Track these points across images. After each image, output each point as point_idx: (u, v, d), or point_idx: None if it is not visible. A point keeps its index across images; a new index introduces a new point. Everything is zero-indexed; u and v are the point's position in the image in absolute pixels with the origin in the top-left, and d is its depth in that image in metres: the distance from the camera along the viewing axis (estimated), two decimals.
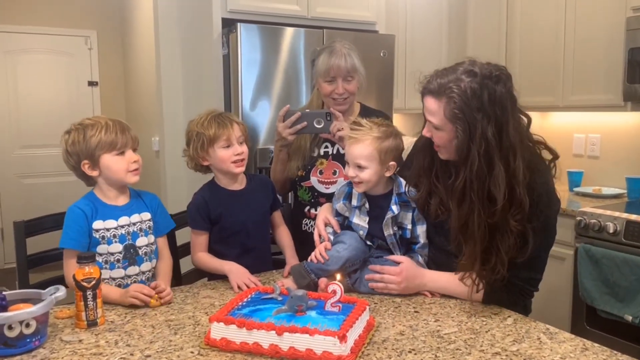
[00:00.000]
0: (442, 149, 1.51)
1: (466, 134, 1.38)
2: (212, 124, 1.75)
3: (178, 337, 1.32)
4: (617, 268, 2.47)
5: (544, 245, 1.51)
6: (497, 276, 1.43)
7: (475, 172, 1.38)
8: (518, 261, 1.44)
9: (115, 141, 1.60)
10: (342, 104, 2.01)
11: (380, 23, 3.31)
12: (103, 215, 1.61)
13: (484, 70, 1.39)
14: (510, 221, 1.39)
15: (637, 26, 2.70)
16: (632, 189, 3.00)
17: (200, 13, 3.07)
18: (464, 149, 1.39)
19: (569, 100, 3.11)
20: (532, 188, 1.42)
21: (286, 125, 1.95)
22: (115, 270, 1.62)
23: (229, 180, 1.83)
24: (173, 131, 3.48)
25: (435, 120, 1.44)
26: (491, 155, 1.37)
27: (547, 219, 1.48)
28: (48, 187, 5.04)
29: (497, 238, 1.41)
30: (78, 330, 1.37)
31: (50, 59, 5.11)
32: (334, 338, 1.15)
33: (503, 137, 1.38)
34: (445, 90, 1.40)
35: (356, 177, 1.59)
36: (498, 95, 1.37)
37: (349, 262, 1.60)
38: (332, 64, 1.95)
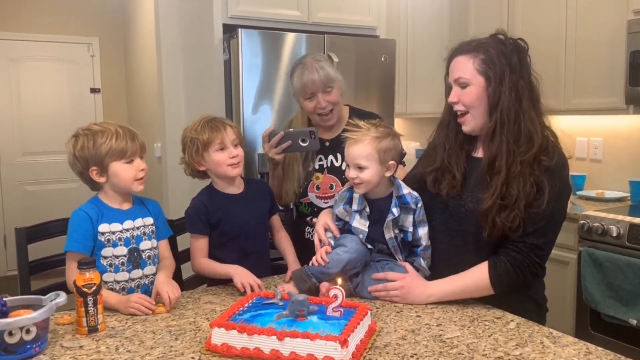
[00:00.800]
0: (469, 114, 1.56)
1: (497, 81, 1.49)
2: (205, 128, 1.76)
3: (179, 343, 1.31)
4: (620, 271, 2.45)
5: (555, 215, 1.52)
6: (512, 224, 1.47)
7: (507, 113, 1.49)
8: (531, 214, 1.47)
9: (125, 149, 1.61)
10: (328, 118, 2.01)
11: (381, 28, 3.32)
12: (109, 218, 1.62)
13: (508, 39, 1.54)
14: (529, 161, 1.48)
15: (638, 29, 2.70)
16: (635, 192, 2.99)
17: (201, 19, 3.08)
18: (495, 94, 1.50)
19: (571, 103, 3.11)
20: (556, 150, 1.52)
21: (271, 145, 1.95)
22: (120, 273, 1.62)
23: (226, 184, 1.83)
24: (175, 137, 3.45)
25: (465, 74, 1.54)
26: (521, 100, 1.50)
27: (560, 189, 1.51)
28: (51, 193, 5.05)
29: (517, 182, 1.47)
30: (79, 337, 1.36)
31: (53, 66, 5.14)
32: (336, 343, 1.14)
33: (530, 88, 1.52)
34: (476, 48, 1.54)
35: (357, 178, 1.59)
36: (522, 57, 1.53)
37: (350, 265, 1.59)
38: (306, 80, 1.94)
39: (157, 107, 3.69)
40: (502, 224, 1.48)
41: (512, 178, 1.48)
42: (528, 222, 1.49)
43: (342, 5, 3.17)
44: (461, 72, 1.55)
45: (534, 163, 1.49)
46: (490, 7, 3.53)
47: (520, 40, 1.55)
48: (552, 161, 1.49)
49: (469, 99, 1.54)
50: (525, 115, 1.50)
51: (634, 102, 2.80)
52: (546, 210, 1.48)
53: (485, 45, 1.53)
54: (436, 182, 1.65)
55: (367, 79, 3.15)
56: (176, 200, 3.39)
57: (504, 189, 1.49)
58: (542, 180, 1.48)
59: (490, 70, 1.51)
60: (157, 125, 3.83)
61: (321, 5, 3.09)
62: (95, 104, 5.32)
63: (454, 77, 1.57)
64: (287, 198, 2.06)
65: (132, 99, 5.17)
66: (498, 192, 1.49)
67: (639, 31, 2.69)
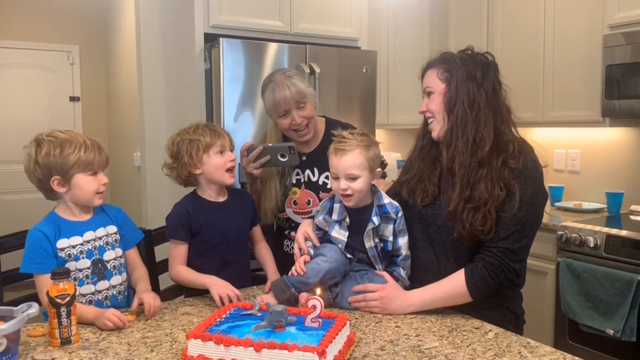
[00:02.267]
0: (434, 120, 1.62)
1: (454, 87, 1.57)
2: (205, 131, 1.78)
3: (155, 355, 1.29)
4: (598, 282, 2.48)
5: (529, 219, 1.53)
6: (483, 227, 1.49)
7: (462, 117, 1.55)
8: (503, 218, 1.50)
9: (93, 162, 1.57)
10: (304, 133, 1.99)
11: (362, 39, 3.33)
12: (67, 233, 1.58)
13: (473, 53, 1.63)
14: (496, 166, 1.52)
15: (614, 43, 2.75)
16: (612, 203, 3.03)
17: (183, 28, 3.07)
18: (451, 100, 1.57)
19: (549, 116, 3.16)
20: (521, 153, 1.55)
21: (249, 160, 1.94)
22: (85, 286, 1.58)
23: (213, 192, 1.82)
24: (154, 147, 3.44)
25: (430, 83, 1.63)
26: (479, 107, 1.55)
27: (534, 192, 1.53)
28: (27, 203, 4.93)
29: (483, 184, 1.51)
30: (51, 349, 1.33)
31: (32, 74, 5.06)
32: (313, 354, 1.13)
33: (495, 99, 1.58)
34: (442, 60, 1.63)
35: (348, 189, 1.58)
36: (489, 74, 1.59)
37: (329, 275, 1.58)
38: (278, 98, 1.91)
39: (137, 116, 3.66)
40: (471, 226, 1.50)
41: (476, 180, 1.52)
42: (501, 227, 1.51)
43: (324, 17, 3.18)
44: (428, 82, 1.65)
45: (501, 167, 1.53)
46: (470, 21, 3.58)
47: (487, 53, 1.64)
48: (519, 164, 1.53)
49: (433, 105, 1.62)
50: (481, 122, 1.55)
51: (610, 115, 2.85)
52: (518, 214, 1.50)
53: (450, 56, 1.63)
54: (411, 193, 1.68)
55: (349, 90, 3.16)
56: (155, 209, 3.35)
57: (467, 190, 1.52)
58: (512, 184, 1.51)
59: (450, 76, 1.59)
60: (136, 134, 3.79)
61: (303, 16, 3.10)
62: (75, 112, 5.25)
63: (424, 88, 1.67)
64: (265, 219, 2.04)
65: (112, 108, 5.12)
66: (460, 194, 1.53)
67: (614, 45, 2.75)
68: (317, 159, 2.01)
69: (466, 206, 1.52)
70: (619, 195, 3.03)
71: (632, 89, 2.71)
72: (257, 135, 2.75)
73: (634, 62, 2.67)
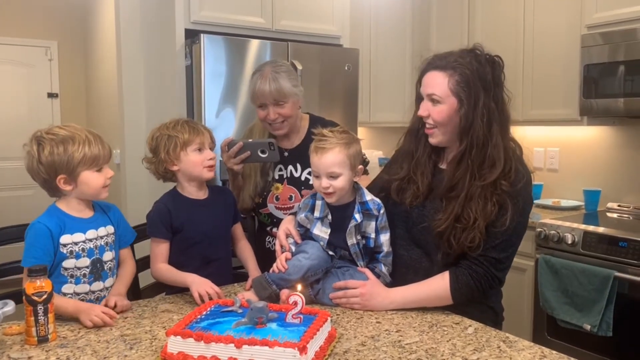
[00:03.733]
0: (437, 129, 1.56)
1: (470, 104, 1.49)
2: (185, 127, 1.75)
3: (134, 352, 1.27)
4: (575, 278, 2.52)
5: (517, 230, 1.53)
6: (471, 244, 1.48)
7: (477, 139, 1.49)
8: (493, 231, 1.49)
9: (98, 157, 1.54)
10: (277, 128, 1.98)
11: (344, 37, 3.34)
12: (71, 229, 1.54)
13: (485, 57, 1.54)
14: (493, 186, 1.49)
15: (591, 43, 2.80)
16: (589, 201, 3.08)
17: (163, 24, 3.04)
18: (468, 119, 1.49)
19: (528, 114, 3.19)
20: (518, 170, 1.52)
21: (230, 156, 1.93)
22: (81, 285, 1.55)
23: (193, 188, 1.80)
24: (134, 144, 3.41)
25: (438, 92, 1.52)
26: (491, 124, 1.50)
27: (524, 206, 1.53)
28: (4, 201, 4.87)
29: (475, 204, 1.49)
30: (28, 347, 1.31)
31: (9, 69, 4.98)
32: (294, 350, 1.13)
33: (501, 110, 1.53)
34: (451, 64, 1.52)
35: (330, 187, 1.58)
36: (497, 76, 1.53)
37: (310, 272, 1.58)
38: (257, 89, 1.91)
39: (117, 113, 3.61)
40: (459, 244, 1.50)
41: (469, 200, 1.50)
42: (490, 238, 1.50)
43: (306, 14, 3.17)
44: (435, 88, 1.53)
45: (495, 185, 1.49)
46: (452, 20, 3.61)
47: (497, 57, 1.55)
48: (514, 182, 1.50)
49: (439, 117, 1.53)
50: (492, 141, 1.49)
51: (587, 114, 2.90)
52: (509, 227, 1.50)
53: (462, 64, 1.51)
54: (400, 191, 1.65)
55: (331, 88, 3.16)
56: (135, 207, 3.31)
57: (459, 210, 1.50)
58: (505, 200, 1.49)
59: (465, 92, 1.49)
60: (116, 131, 3.74)
61: (285, 13, 3.09)
62: (53, 109, 5.17)
63: (427, 91, 1.55)
64: (243, 203, 2.03)
65: (91, 105, 5.05)
66: (453, 215, 1.50)
67: (592, 45, 2.79)
68: (300, 155, 2.00)
69: (456, 226, 1.50)
70: (596, 192, 3.08)
71: (609, 88, 2.75)
72: (238, 132, 2.74)
73: (611, 62, 2.72)
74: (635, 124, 3.00)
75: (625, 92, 2.67)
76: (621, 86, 2.69)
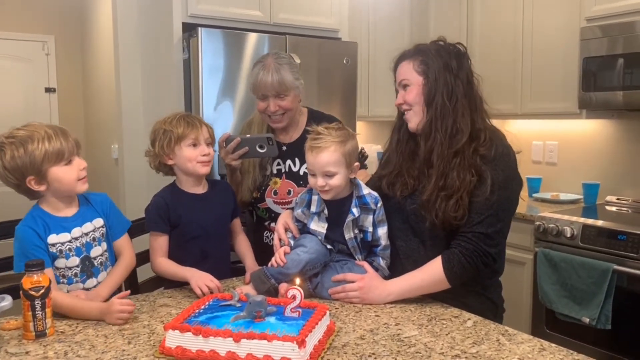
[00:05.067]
0: (411, 112, 1.63)
1: (432, 79, 1.58)
2: (180, 122, 1.74)
3: (132, 347, 1.27)
4: (574, 271, 2.52)
5: (502, 204, 1.55)
6: (456, 213, 1.51)
7: (441, 110, 1.56)
8: (476, 203, 1.52)
9: (62, 150, 1.48)
10: (277, 120, 1.97)
11: (343, 30, 3.32)
12: (55, 228, 1.52)
13: (447, 44, 1.64)
14: (468, 154, 1.54)
15: (591, 36, 2.78)
16: (588, 194, 3.08)
17: (160, 18, 3.03)
18: (430, 92, 1.58)
19: (527, 108, 3.19)
20: (492, 141, 1.57)
21: (228, 152, 1.92)
22: (74, 284, 1.54)
23: (191, 183, 1.80)
24: (132, 138, 3.40)
25: (407, 76, 1.63)
26: (456, 98, 1.57)
27: (506, 177, 1.55)
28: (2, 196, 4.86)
29: (456, 172, 1.53)
30: (25, 342, 1.30)
31: (6, 64, 4.95)
32: (293, 343, 1.12)
33: (468, 89, 1.59)
34: (414, 51, 1.64)
35: (326, 186, 1.57)
36: (460, 61, 1.60)
37: (309, 265, 1.58)
38: (259, 81, 1.90)
39: (115, 107, 3.60)
40: (444, 213, 1.52)
41: (450, 169, 1.54)
42: (474, 212, 1.53)
43: (304, 7, 3.16)
44: (404, 74, 1.64)
45: (472, 154, 1.54)
46: (450, 13, 3.59)
47: (459, 44, 1.65)
48: (490, 150, 1.55)
49: (410, 97, 1.62)
50: (459, 112, 1.56)
51: (586, 107, 2.89)
52: (491, 198, 1.52)
53: (424, 48, 1.63)
54: (390, 186, 1.68)
55: (329, 82, 3.15)
56: (134, 201, 3.31)
57: (442, 180, 1.54)
58: (484, 169, 1.53)
59: (428, 68, 1.59)
60: (114, 126, 3.73)
61: (283, 6, 3.08)
62: (51, 104, 5.15)
63: (398, 80, 1.67)
64: (242, 198, 2.02)
65: (88, 99, 5.03)
66: (435, 183, 1.54)
67: (591, 38, 2.78)
68: (298, 149, 1.99)
69: (439, 194, 1.53)
70: (595, 186, 3.07)
71: (608, 82, 2.74)
72: (236, 126, 2.74)
73: (610, 55, 2.71)
74: (634, 117, 3.00)
75: (625, 85, 2.66)
76: (620, 79, 2.68)
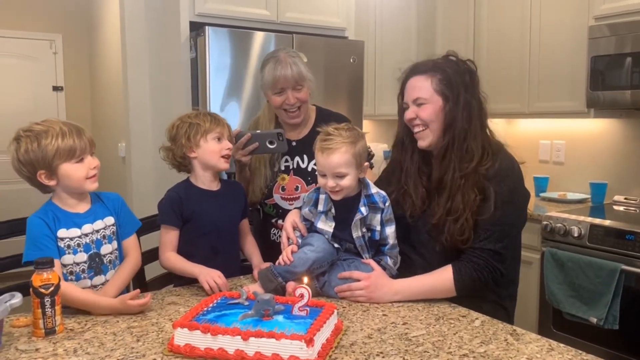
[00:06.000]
0: (427, 129, 1.60)
1: (453, 100, 1.56)
2: (207, 117, 1.79)
3: (140, 344, 1.28)
4: (581, 271, 2.51)
5: (508, 219, 1.55)
6: (462, 236, 1.52)
7: (458, 133, 1.56)
8: (482, 221, 1.52)
9: (74, 148, 1.51)
10: (295, 115, 1.99)
11: (349, 29, 3.32)
12: (66, 223, 1.54)
13: (460, 61, 1.63)
14: (472, 173, 1.54)
15: (599, 35, 2.77)
16: (596, 193, 3.07)
17: (168, 16, 3.03)
18: (451, 114, 1.56)
19: (534, 107, 3.17)
20: (495, 155, 1.57)
21: (238, 147, 1.93)
22: (82, 281, 1.55)
23: (207, 179, 1.81)
24: (140, 137, 3.41)
25: (423, 94, 1.59)
26: (471, 118, 1.57)
27: (511, 192, 1.55)
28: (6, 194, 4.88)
29: (460, 194, 1.54)
30: (35, 339, 1.31)
31: (14, 63, 4.99)
32: (301, 342, 1.13)
33: (480, 107, 1.60)
34: (431, 67, 1.60)
35: (337, 187, 1.57)
36: (472, 77, 1.61)
37: (316, 264, 1.58)
38: (278, 75, 1.92)
39: (122, 106, 3.62)
40: (452, 237, 1.53)
41: (456, 192, 1.54)
42: (480, 229, 1.53)
43: (311, 6, 3.16)
44: (420, 92, 1.59)
45: (474, 173, 1.54)
46: (457, 13, 3.58)
47: (470, 61, 1.64)
48: (493, 166, 1.54)
49: (426, 114, 1.59)
50: (472, 134, 1.56)
51: (594, 106, 2.88)
52: (496, 214, 1.52)
53: (441, 65, 1.60)
54: (397, 204, 1.68)
55: (336, 80, 3.15)
56: (141, 200, 3.33)
57: (449, 203, 1.54)
58: (487, 186, 1.53)
59: (448, 89, 1.57)
60: (121, 124, 3.75)
61: (290, 5, 3.08)
62: (58, 102, 5.18)
63: (412, 97, 1.61)
64: (253, 196, 2.03)
65: (96, 98, 5.05)
66: (444, 208, 1.54)
67: (599, 37, 2.77)
68: (306, 146, 2.00)
69: (447, 218, 1.54)
70: (602, 185, 3.06)
71: (616, 81, 2.73)
72: (243, 124, 2.74)
73: (618, 54, 2.69)
74: None
75: (633, 84, 2.65)
76: (628, 78, 2.66)
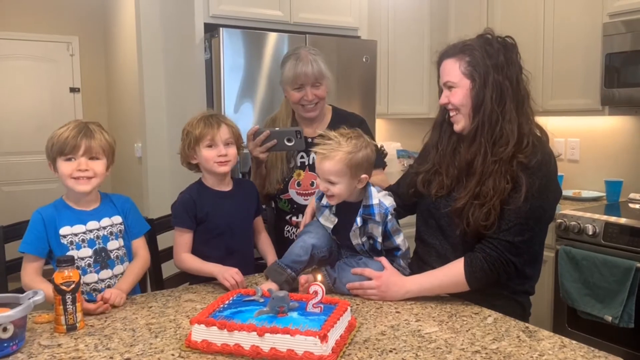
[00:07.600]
0: (459, 113, 1.58)
1: (480, 83, 1.52)
2: (200, 123, 1.79)
3: (159, 340, 1.31)
4: (596, 269, 2.50)
5: (535, 213, 1.50)
6: (486, 221, 1.48)
7: (488, 116, 1.51)
8: (507, 211, 1.48)
9: (64, 145, 1.56)
10: (312, 110, 2.02)
11: (362, 29, 3.33)
12: (70, 220, 1.60)
13: (495, 39, 1.56)
14: (506, 159, 1.49)
15: (613, 32, 2.76)
16: (611, 191, 3.05)
17: (182, 18, 3.07)
18: (479, 97, 1.52)
19: (548, 104, 3.16)
20: (535, 147, 1.52)
21: (256, 144, 1.96)
22: (88, 275, 1.60)
23: (215, 181, 1.84)
24: (155, 137, 3.46)
25: (452, 78, 1.57)
26: (505, 101, 1.51)
27: (542, 186, 1.50)
28: (27, 194, 4.96)
29: (492, 180, 1.50)
30: (57, 335, 1.35)
31: (31, 65, 5.06)
32: (315, 338, 1.15)
33: (516, 89, 1.53)
34: (460, 49, 1.57)
35: (328, 191, 1.60)
36: (509, 56, 1.54)
37: (316, 250, 1.63)
38: (299, 71, 1.95)
39: (138, 106, 3.66)
40: (475, 222, 1.50)
41: (487, 177, 1.51)
42: (504, 219, 1.50)
43: (324, 6, 3.18)
44: (449, 75, 1.58)
45: (511, 160, 1.50)
46: (470, 10, 3.58)
47: (509, 37, 1.57)
48: (531, 158, 1.49)
49: (457, 99, 1.57)
50: (506, 117, 1.51)
51: (609, 104, 2.86)
52: (523, 207, 1.48)
53: (470, 46, 1.55)
54: (425, 183, 1.67)
55: (349, 80, 3.16)
56: (157, 200, 3.37)
57: (477, 187, 1.51)
58: (520, 176, 1.48)
59: (475, 72, 1.53)
60: (137, 125, 3.80)
61: (303, 6, 3.10)
62: (75, 103, 5.25)
63: (443, 80, 1.61)
64: (270, 188, 2.06)
65: (112, 99, 5.12)
66: (472, 192, 1.51)
67: (614, 34, 2.75)
68: None
69: (473, 202, 1.51)
70: (618, 183, 3.04)
71: (631, 78, 2.71)
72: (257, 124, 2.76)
73: (633, 51, 2.68)
74: None
75: None
76: None
